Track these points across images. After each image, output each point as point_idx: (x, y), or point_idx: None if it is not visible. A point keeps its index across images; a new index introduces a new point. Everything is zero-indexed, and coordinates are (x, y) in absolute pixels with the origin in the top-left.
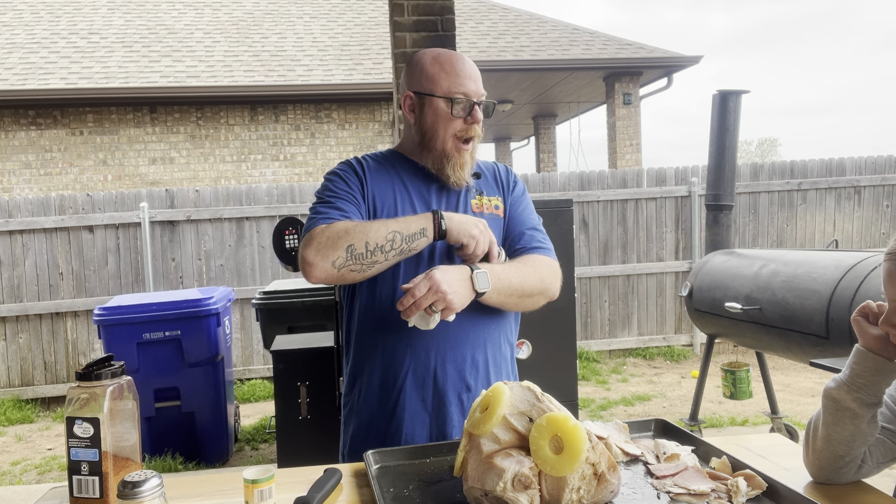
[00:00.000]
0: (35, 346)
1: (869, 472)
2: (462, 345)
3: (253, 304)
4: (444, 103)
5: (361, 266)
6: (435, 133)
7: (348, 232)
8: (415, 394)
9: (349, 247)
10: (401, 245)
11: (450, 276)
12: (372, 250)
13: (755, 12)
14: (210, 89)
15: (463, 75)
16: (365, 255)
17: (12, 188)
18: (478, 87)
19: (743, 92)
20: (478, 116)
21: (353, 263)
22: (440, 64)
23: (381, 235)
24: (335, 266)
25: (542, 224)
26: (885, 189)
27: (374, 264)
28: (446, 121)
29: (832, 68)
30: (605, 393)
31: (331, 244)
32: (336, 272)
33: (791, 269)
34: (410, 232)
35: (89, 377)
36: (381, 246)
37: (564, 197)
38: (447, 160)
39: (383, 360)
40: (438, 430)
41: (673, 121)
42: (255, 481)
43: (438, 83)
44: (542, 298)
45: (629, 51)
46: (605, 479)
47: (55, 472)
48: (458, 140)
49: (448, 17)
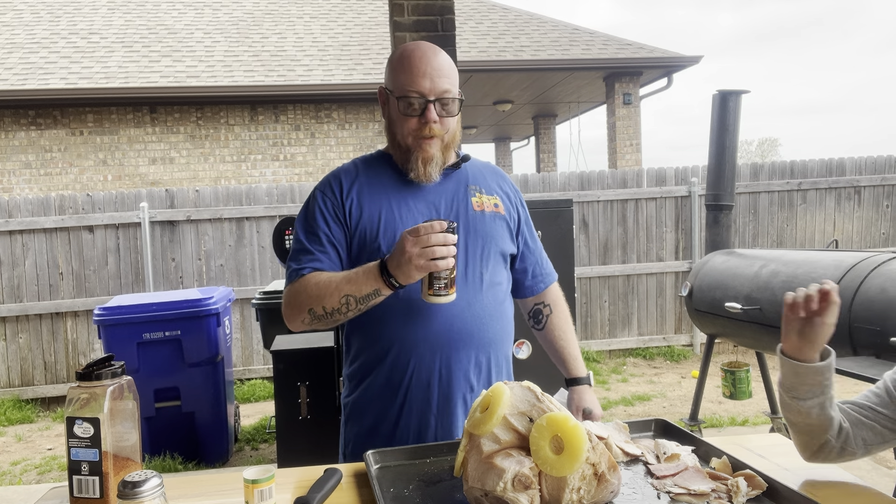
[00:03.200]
0: (35, 346)
1: (857, 455)
2: (467, 346)
3: (253, 304)
4: (397, 102)
5: (325, 323)
6: (395, 132)
7: (309, 296)
8: (420, 395)
9: (310, 310)
10: (356, 306)
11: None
12: (330, 312)
13: (763, 11)
14: (210, 89)
15: (417, 73)
16: (325, 316)
17: (12, 188)
18: (434, 84)
19: (743, 92)
20: (430, 116)
21: (318, 322)
22: (400, 61)
23: (335, 300)
24: (304, 323)
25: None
26: (885, 189)
27: (337, 321)
28: (401, 120)
29: (837, 68)
30: (605, 393)
31: (296, 305)
32: (308, 326)
33: (791, 269)
34: (363, 294)
35: (89, 377)
36: (336, 308)
37: (564, 197)
38: (410, 154)
39: (388, 362)
40: (444, 430)
41: (677, 120)
42: (255, 481)
43: (395, 81)
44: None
45: (629, 51)
46: (606, 480)
47: (55, 472)
48: (417, 137)
49: (448, 17)
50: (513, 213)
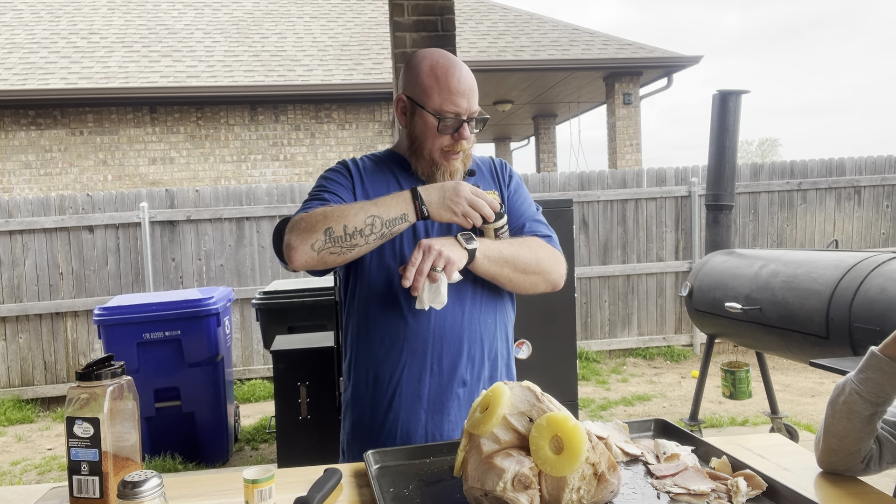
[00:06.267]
0: (35, 346)
1: (875, 470)
2: (459, 339)
3: (253, 304)
4: (433, 119)
5: (341, 249)
6: (423, 144)
7: (326, 216)
8: (411, 388)
9: (327, 230)
10: (381, 230)
11: (438, 239)
12: (351, 234)
13: (772, 10)
14: (210, 89)
15: (456, 93)
16: (344, 238)
17: (12, 188)
18: (470, 104)
19: (743, 92)
20: (465, 134)
21: (333, 246)
22: (436, 76)
23: (360, 220)
24: (314, 249)
25: (542, 213)
26: (885, 189)
27: (354, 247)
28: (433, 136)
29: (841, 68)
30: (605, 393)
31: (310, 228)
32: (316, 255)
33: (791, 269)
34: (390, 217)
35: (89, 377)
36: (360, 230)
37: (564, 197)
38: (436, 168)
39: (380, 356)
40: (435, 425)
41: (680, 120)
42: (255, 481)
43: (431, 97)
44: (539, 280)
45: (629, 51)
46: (606, 479)
47: (55, 472)
48: (446, 152)
49: (448, 17)
50: (504, 195)
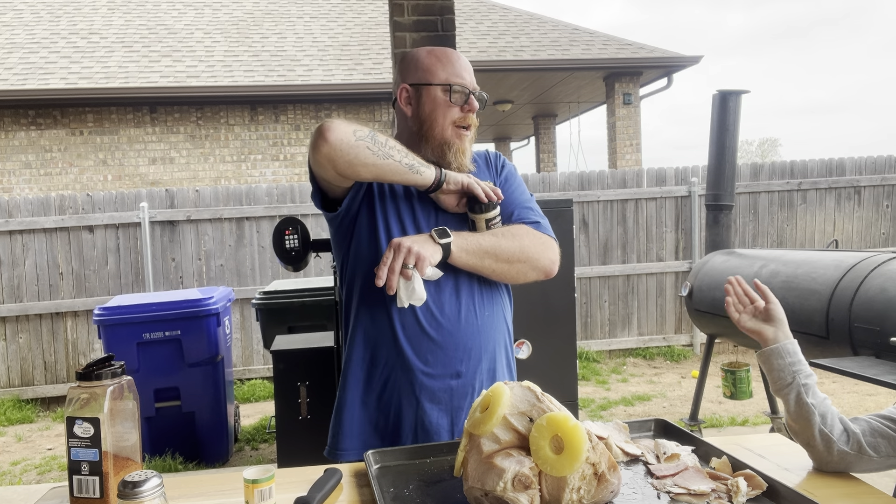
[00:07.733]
0: (35, 346)
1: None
2: (454, 332)
3: (253, 304)
4: (442, 91)
5: (374, 152)
6: (434, 121)
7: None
8: (403, 377)
9: (371, 133)
10: (411, 162)
11: (410, 237)
12: (387, 150)
13: (775, 10)
14: (210, 89)
15: (459, 66)
16: (383, 145)
17: (12, 188)
18: (472, 79)
19: (743, 92)
20: (474, 105)
21: (372, 144)
22: (436, 56)
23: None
24: (355, 135)
25: (535, 202)
26: (885, 189)
27: (388, 158)
28: (445, 108)
29: (843, 68)
30: (605, 393)
31: (357, 124)
32: (353, 141)
33: (791, 269)
34: (419, 162)
35: (89, 377)
36: (397, 148)
37: (564, 197)
38: (448, 147)
39: (374, 347)
40: (426, 414)
41: (682, 120)
42: (255, 481)
43: (435, 73)
44: (527, 269)
45: (629, 51)
46: (606, 479)
47: (55, 472)
48: (457, 127)
49: (448, 17)
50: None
